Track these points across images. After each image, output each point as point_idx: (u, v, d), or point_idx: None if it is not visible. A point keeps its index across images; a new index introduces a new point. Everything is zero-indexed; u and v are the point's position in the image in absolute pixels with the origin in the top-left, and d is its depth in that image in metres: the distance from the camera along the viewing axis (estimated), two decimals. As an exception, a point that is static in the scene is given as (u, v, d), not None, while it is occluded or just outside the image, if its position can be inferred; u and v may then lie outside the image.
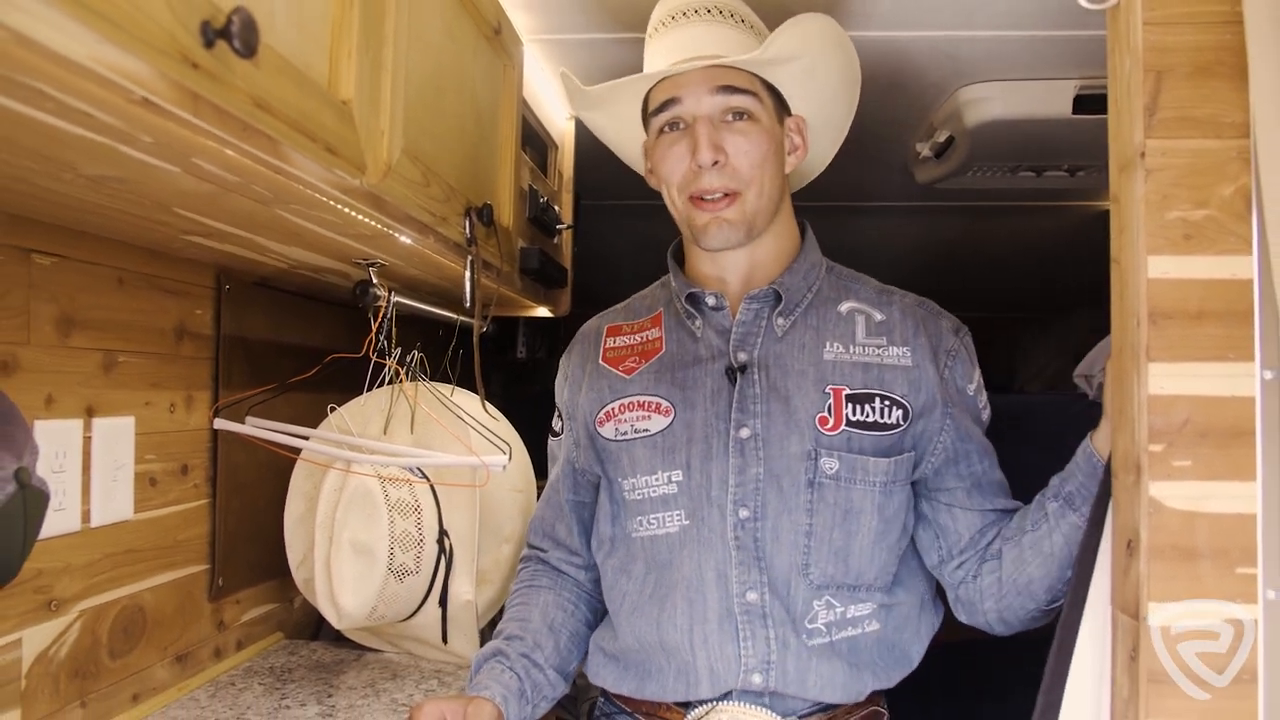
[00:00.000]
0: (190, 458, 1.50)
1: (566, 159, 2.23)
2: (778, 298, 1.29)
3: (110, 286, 1.30)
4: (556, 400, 1.46)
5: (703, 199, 1.25)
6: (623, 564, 1.33)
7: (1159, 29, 0.95)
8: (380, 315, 1.53)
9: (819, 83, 1.30)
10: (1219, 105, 0.95)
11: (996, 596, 1.26)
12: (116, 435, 1.31)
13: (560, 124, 2.17)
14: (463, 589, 1.52)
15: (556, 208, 2.10)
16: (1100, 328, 1.42)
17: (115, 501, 1.31)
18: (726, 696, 1.24)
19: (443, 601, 1.52)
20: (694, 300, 1.32)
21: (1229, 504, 0.92)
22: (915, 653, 1.33)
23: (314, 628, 1.90)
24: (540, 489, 1.80)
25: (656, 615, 1.27)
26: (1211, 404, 0.93)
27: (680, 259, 1.39)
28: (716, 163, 1.23)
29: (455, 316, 1.88)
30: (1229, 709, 0.92)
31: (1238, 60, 0.94)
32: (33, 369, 1.16)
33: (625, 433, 1.32)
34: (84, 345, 1.25)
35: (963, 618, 1.32)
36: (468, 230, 1.36)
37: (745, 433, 1.25)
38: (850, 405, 1.24)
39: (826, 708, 1.26)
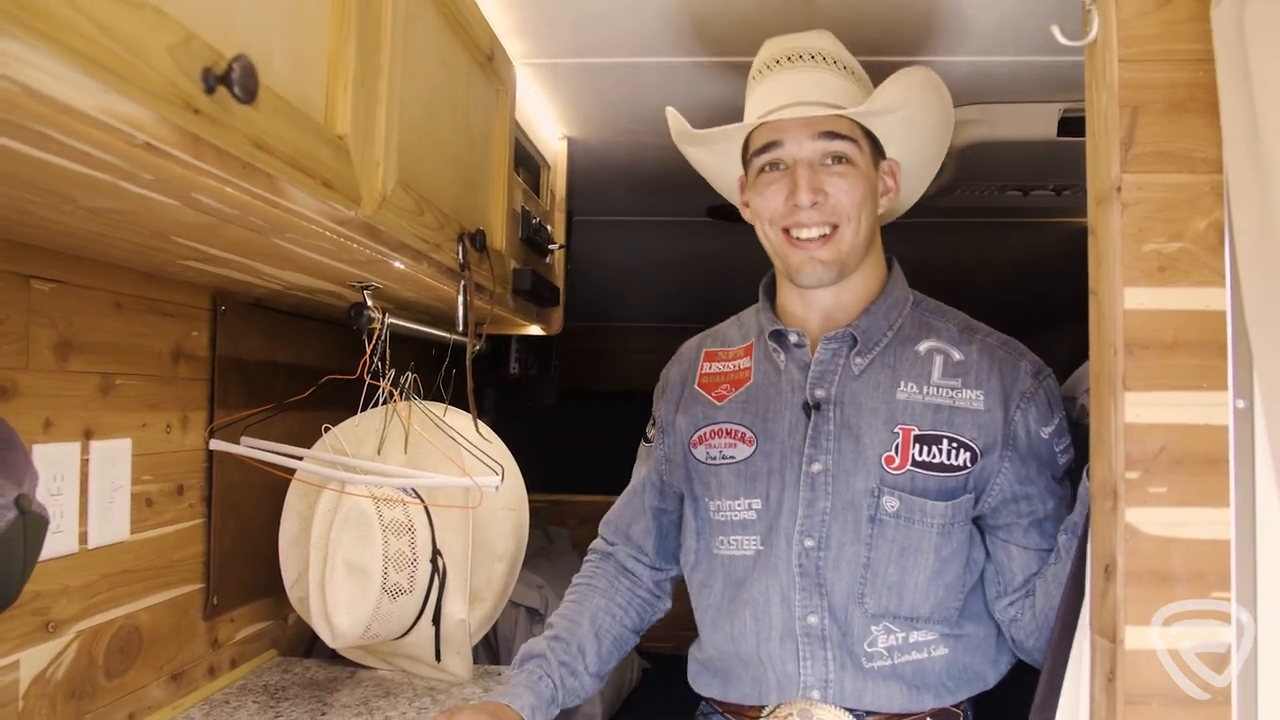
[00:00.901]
0: (186, 478, 1.51)
1: (559, 179, 2.26)
2: (854, 340, 1.34)
3: (108, 310, 1.32)
4: (654, 410, 1.54)
5: (799, 239, 1.30)
6: (705, 579, 1.41)
7: (1134, 66, 0.98)
8: (374, 337, 1.55)
9: (914, 131, 1.35)
10: (1193, 141, 0.97)
11: (1035, 634, 1.28)
12: (114, 457, 1.33)
13: (553, 144, 2.20)
14: (456, 608, 1.54)
15: (549, 228, 2.13)
16: (1087, 343, 1.45)
17: (112, 523, 1.33)
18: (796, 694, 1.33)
19: (436, 620, 1.53)
20: (778, 337, 1.38)
21: (1204, 530, 0.95)
22: (991, 677, 1.36)
23: (308, 645, 1.91)
24: (532, 506, 1.82)
25: (730, 629, 1.36)
26: (1186, 432, 0.95)
27: (771, 291, 1.45)
28: (815, 204, 1.28)
29: (448, 336, 1.90)
30: (1205, 730, 0.94)
31: (1210, 97, 0.97)
32: (31, 393, 1.18)
33: (714, 457, 1.39)
34: (82, 369, 1.27)
35: (1020, 656, 1.36)
36: (461, 256, 1.38)
37: (817, 467, 1.31)
38: (918, 445, 1.29)
39: (901, 716, 1.32)
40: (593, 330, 4.28)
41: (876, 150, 1.35)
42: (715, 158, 1.45)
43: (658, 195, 2.73)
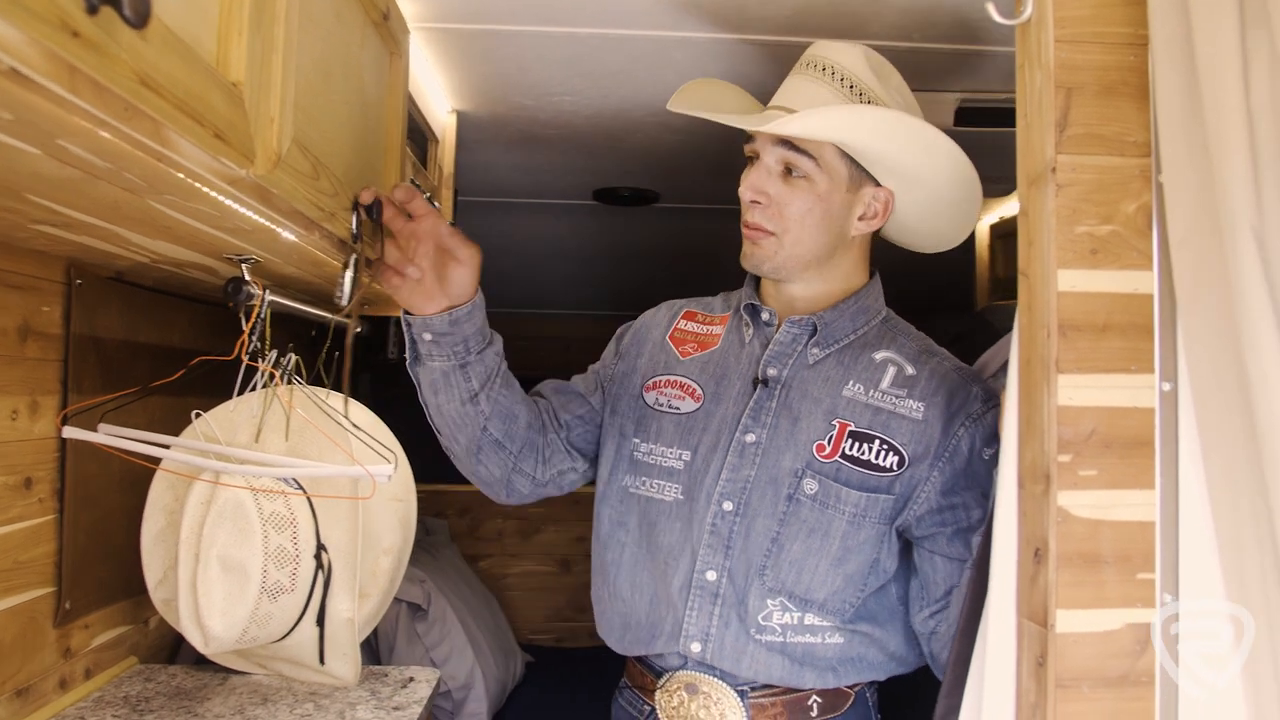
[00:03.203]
0: (34, 470, 1.36)
1: (447, 153, 2.15)
2: (815, 329, 1.39)
3: (-57, 280, 1.16)
4: (618, 342, 1.56)
5: (748, 225, 1.37)
6: (619, 516, 1.44)
7: (1069, 46, 0.97)
8: (254, 314, 1.42)
9: (890, 165, 1.34)
10: (1123, 124, 0.97)
11: (950, 646, 1.26)
12: (-51, 447, 1.17)
13: (442, 117, 2.09)
14: (342, 607, 1.43)
15: (437, 204, 2.02)
16: (962, 334, 1.48)
17: (-53, 521, 1.17)
18: (684, 665, 1.36)
19: (320, 620, 1.42)
20: (752, 311, 1.44)
21: (1131, 512, 0.95)
22: (886, 671, 1.39)
23: (171, 650, 1.77)
24: (419, 495, 1.72)
25: (647, 571, 1.39)
26: (1116, 415, 0.95)
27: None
28: (759, 203, 1.34)
29: (329, 316, 1.78)
30: (1125, 710, 0.95)
31: (1141, 81, 0.97)
32: None
33: (661, 404, 1.44)
34: (-89, 346, 1.11)
35: (935, 671, 1.35)
36: (355, 227, 1.28)
37: (750, 438, 1.35)
38: (850, 440, 1.33)
39: (786, 690, 1.34)
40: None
41: (862, 175, 1.36)
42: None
43: (546, 176, 2.65)
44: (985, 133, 1.85)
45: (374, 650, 2.23)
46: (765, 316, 1.42)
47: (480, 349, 1.36)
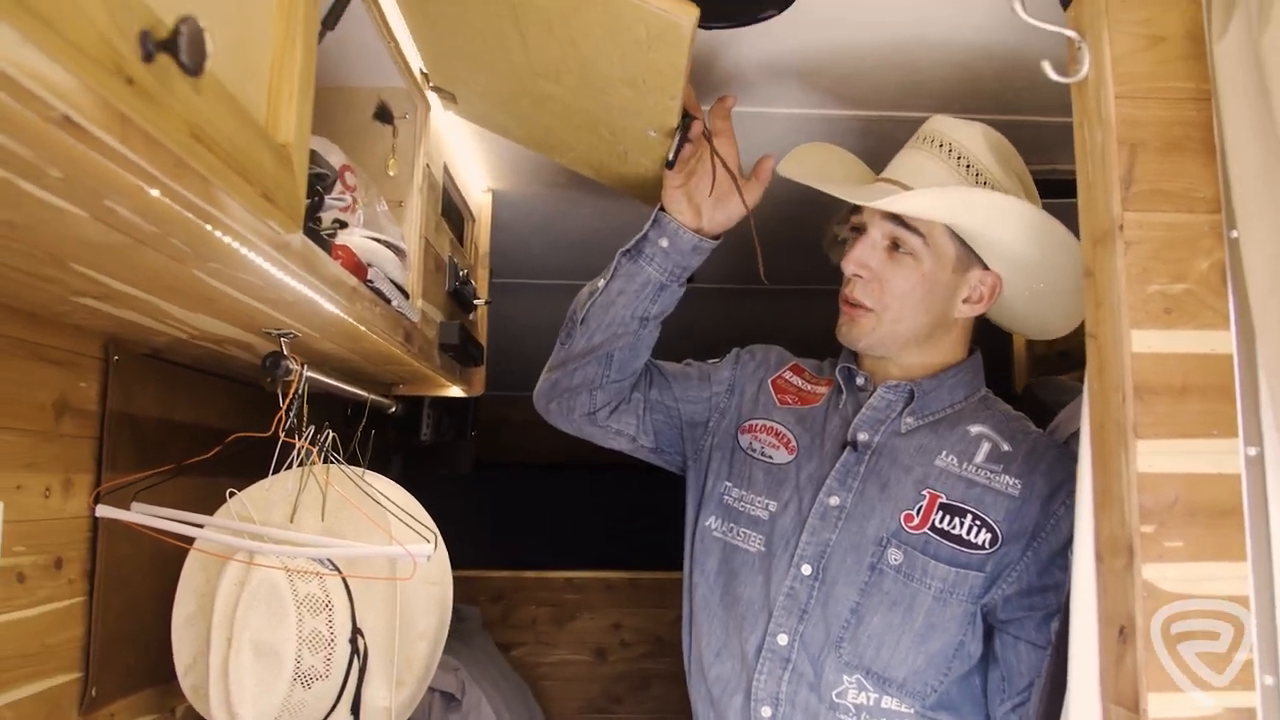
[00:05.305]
0: (66, 549, 1.32)
1: (483, 232, 2.16)
2: (912, 396, 1.36)
3: (-18, 354, 1.14)
4: (733, 364, 1.55)
5: (847, 300, 1.35)
6: (699, 557, 1.43)
7: (1130, 103, 0.95)
8: (291, 390, 1.40)
9: (998, 250, 1.31)
10: (1189, 180, 0.94)
11: None
12: (-19, 524, 1.14)
13: (477, 195, 2.10)
14: (379, 695, 1.37)
15: (474, 282, 2.02)
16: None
17: (-25, 602, 1.13)
18: None
19: (355, 710, 1.36)
20: (847, 374, 1.42)
21: (1221, 586, 0.89)
22: None
23: (197, 741, 1.70)
24: (454, 579, 1.67)
25: (722, 621, 1.37)
26: (1199, 482, 0.90)
27: None
28: (860, 276, 1.33)
29: (365, 394, 1.76)
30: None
31: (1204, 136, 0.95)
32: (-115, 446, 1.00)
33: (755, 450, 1.43)
34: (-52, 420, 1.09)
35: None
36: (680, 131, 1.30)
37: (834, 501, 1.33)
38: (940, 513, 1.29)
39: None
40: (497, 400, 4.13)
41: (970, 257, 1.32)
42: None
43: (578, 256, 2.64)
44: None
45: (404, 743, 2.15)
46: (860, 381, 1.40)
47: (683, 284, 1.39)
